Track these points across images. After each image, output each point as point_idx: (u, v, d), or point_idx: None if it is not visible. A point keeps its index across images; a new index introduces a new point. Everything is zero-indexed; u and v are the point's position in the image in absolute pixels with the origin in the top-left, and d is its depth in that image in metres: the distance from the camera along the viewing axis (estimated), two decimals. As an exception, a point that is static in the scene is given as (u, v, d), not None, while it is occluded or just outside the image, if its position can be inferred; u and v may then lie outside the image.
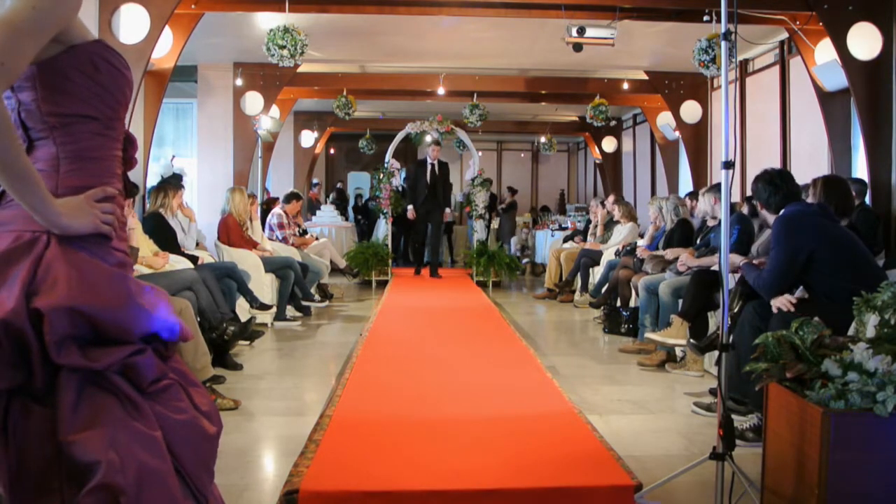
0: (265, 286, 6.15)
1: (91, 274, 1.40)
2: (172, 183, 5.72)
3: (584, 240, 8.92)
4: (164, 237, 5.26)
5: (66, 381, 1.34)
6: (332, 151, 16.51)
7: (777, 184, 3.53)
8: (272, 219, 7.99)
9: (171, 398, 1.46)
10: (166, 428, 1.41)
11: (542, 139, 14.17)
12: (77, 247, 1.41)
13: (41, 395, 1.34)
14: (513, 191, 14.46)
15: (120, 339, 1.40)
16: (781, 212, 3.45)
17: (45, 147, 1.46)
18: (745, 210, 5.40)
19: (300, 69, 7.92)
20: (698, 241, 5.41)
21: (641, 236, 7.75)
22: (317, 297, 7.38)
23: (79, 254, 1.41)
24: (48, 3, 1.34)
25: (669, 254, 5.43)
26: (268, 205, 9.15)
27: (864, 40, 5.27)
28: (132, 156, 1.64)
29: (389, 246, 9.78)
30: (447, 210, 9.83)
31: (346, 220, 12.93)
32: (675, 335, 4.46)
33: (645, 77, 8.97)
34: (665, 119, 9.41)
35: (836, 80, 5.65)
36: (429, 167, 9.43)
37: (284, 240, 7.71)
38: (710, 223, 5.29)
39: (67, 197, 1.42)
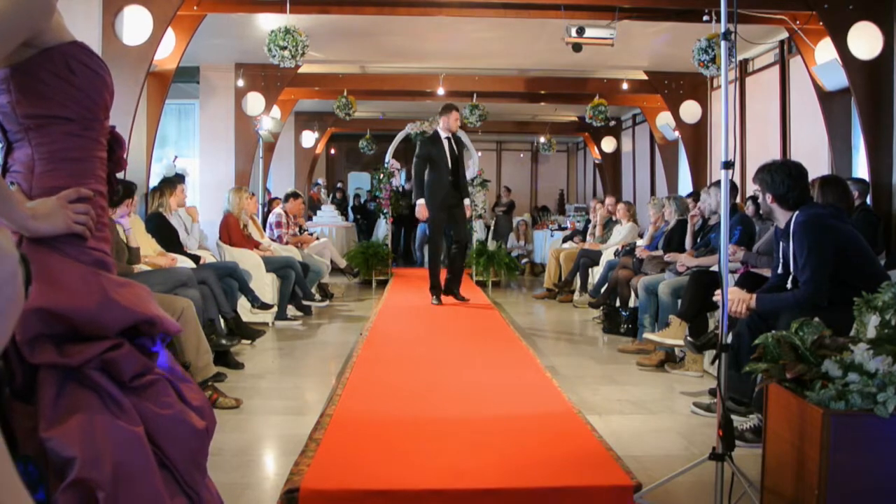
0: (266, 286, 6.16)
1: (61, 273, 1.41)
2: (169, 182, 5.74)
3: (584, 240, 8.94)
4: (166, 237, 5.28)
5: (46, 379, 1.35)
6: (332, 152, 16.52)
7: (797, 178, 3.35)
8: (272, 218, 8.03)
9: (156, 393, 1.46)
10: (151, 423, 1.41)
11: (542, 139, 14.18)
12: (49, 247, 1.42)
13: (24, 393, 1.35)
14: (508, 189, 14.56)
15: (97, 335, 1.41)
16: (798, 214, 3.31)
17: (22, 148, 1.47)
18: (748, 210, 5.41)
19: (301, 70, 7.94)
20: (698, 241, 5.42)
21: (641, 236, 7.76)
22: (317, 296, 7.40)
23: (50, 254, 1.42)
24: (13, 12, 1.34)
25: (668, 258, 5.43)
26: (269, 205, 9.18)
27: (865, 40, 5.28)
28: (120, 156, 1.64)
29: (389, 246, 9.78)
30: (467, 202, 7.05)
31: (347, 220, 12.95)
32: (674, 335, 4.46)
33: (644, 77, 8.98)
34: (664, 119, 9.42)
35: (837, 79, 5.65)
36: (446, 144, 6.87)
37: (279, 238, 7.73)
38: (713, 220, 5.29)
39: (41, 199, 1.42)
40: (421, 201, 6.78)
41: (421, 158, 6.89)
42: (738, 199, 6.21)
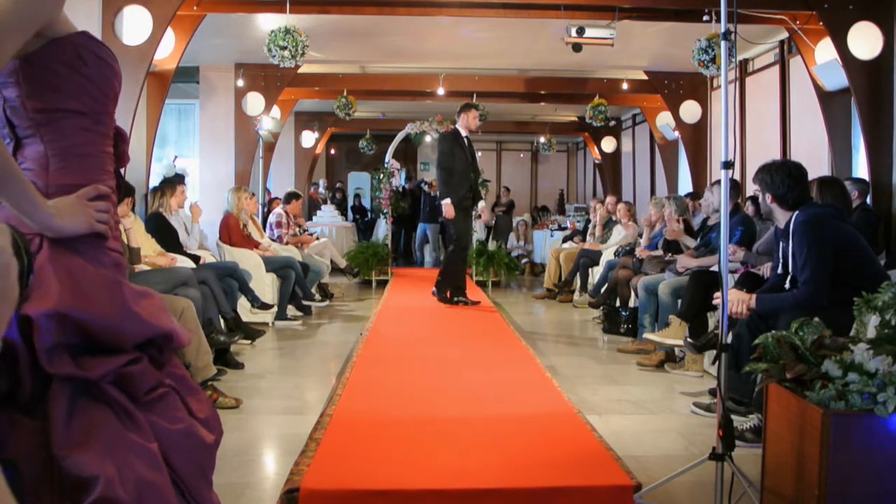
0: (266, 286, 6.16)
1: (84, 280, 1.35)
2: (170, 182, 5.74)
3: (584, 240, 8.94)
4: (166, 237, 5.28)
5: (58, 392, 1.27)
6: (332, 152, 16.53)
7: (797, 178, 3.35)
8: (272, 218, 8.04)
9: (166, 407, 1.41)
10: (162, 438, 1.36)
11: (542, 139, 14.18)
12: (71, 249, 1.36)
13: (29, 406, 1.27)
14: (507, 189, 14.60)
15: (114, 347, 1.35)
16: (798, 214, 3.32)
17: (32, 145, 1.41)
18: (748, 210, 5.41)
19: (301, 70, 7.94)
20: (698, 241, 5.42)
21: (641, 236, 7.75)
22: (317, 296, 7.40)
23: (73, 258, 1.36)
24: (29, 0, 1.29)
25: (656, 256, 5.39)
26: (269, 205, 9.18)
27: (865, 40, 5.27)
28: (124, 151, 1.60)
29: (389, 246, 9.79)
30: (481, 205, 7.11)
31: (346, 220, 12.96)
32: (674, 335, 4.46)
33: (644, 77, 8.97)
34: (664, 119, 9.41)
35: (837, 79, 5.65)
36: (466, 143, 6.85)
37: (279, 238, 7.73)
38: (713, 220, 5.28)
39: (59, 197, 1.37)
40: (447, 200, 6.66)
41: (447, 155, 6.75)
42: (739, 199, 6.21)
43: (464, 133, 6.84)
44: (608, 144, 12.62)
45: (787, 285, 3.37)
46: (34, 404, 1.27)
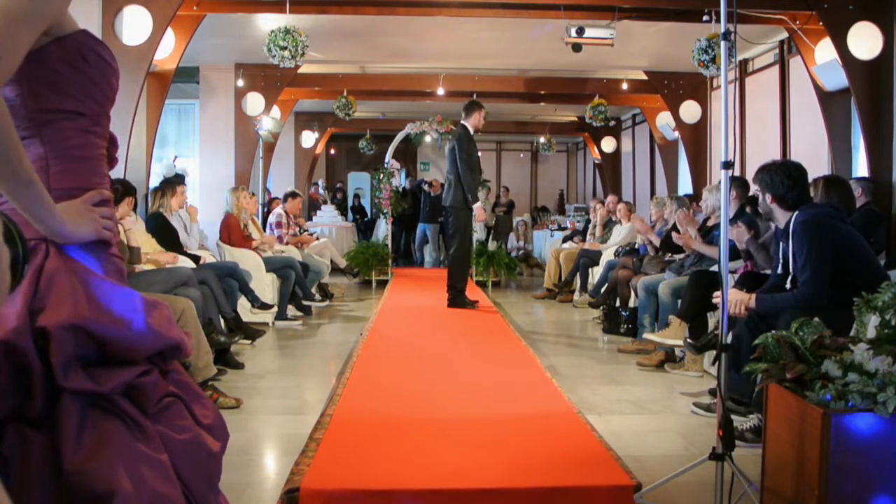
0: (266, 286, 6.16)
1: (97, 290, 1.31)
2: (170, 182, 5.75)
3: (584, 240, 8.94)
4: (167, 237, 5.29)
5: (68, 405, 1.23)
6: (332, 152, 16.53)
7: (797, 178, 3.35)
8: (272, 218, 8.04)
9: (173, 417, 1.38)
10: (170, 449, 1.33)
11: (542, 139, 14.18)
12: (79, 256, 1.34)
13: (38, 420, 1.23)
14: (506, 189, 14.60)
15: (127, 359, 1.32)
16: (798, 214, 3.32)
17: (31, 147, 1.36)
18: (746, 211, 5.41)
19: (301, 70, 7.94)
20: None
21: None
22: (317, 296, 7.40)
23: (82, 266, 1.33)
24: None
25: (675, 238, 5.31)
26: (269, 205, 9.19)
27: (865, 40, 5.27)
28: (113, 155, 1.56)
29: (389, 246, 9.79)
30: (477, 205, 6.79)
31: (346, 220, 12.97)
32: (674, 336, 4.46)
33: (644, 77, 8.98)
34: (664, 119, 9.42)
35: (837, 79, 5.65)
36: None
37: (279, 238, 7.73)
38: (714, 220, 5.28)
39: (64, 202, 1.34)
40: (479, 203, 6.70)
41: (472, 155, 6.66)
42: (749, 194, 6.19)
43: (472, 131, 6.80)
44: (608, 144, 12.62)
45: (788, 285, 3.38)
46: (42, 419, 1.23)
